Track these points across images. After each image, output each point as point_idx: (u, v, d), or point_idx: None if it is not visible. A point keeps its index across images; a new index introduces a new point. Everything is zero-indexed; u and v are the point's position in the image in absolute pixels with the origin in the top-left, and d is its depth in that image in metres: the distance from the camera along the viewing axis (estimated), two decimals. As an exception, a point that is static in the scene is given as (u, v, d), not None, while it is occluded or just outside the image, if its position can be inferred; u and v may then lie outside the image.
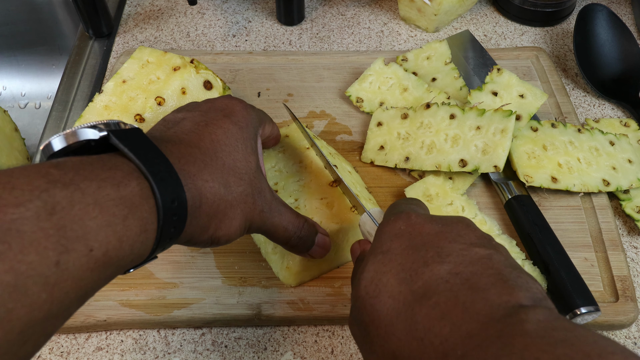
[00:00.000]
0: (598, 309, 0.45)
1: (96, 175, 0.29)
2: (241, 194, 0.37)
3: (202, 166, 0.35)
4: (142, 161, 0.30)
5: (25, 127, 0.80)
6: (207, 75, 0.57)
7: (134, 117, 0.53)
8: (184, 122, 0.38)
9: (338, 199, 0.49)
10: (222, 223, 0.36)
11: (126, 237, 0.29)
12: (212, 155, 0.36)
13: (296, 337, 0.48)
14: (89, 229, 0.27)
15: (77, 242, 0.26)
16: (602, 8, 0.69)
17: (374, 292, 0.31)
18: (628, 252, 0.53)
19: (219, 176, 0.36)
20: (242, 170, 0.38)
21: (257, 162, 0.40)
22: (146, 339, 0.48)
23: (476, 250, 0.31)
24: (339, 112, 0.63)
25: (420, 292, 0.30)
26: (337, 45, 0.73)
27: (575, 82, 0.69)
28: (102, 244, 0.27)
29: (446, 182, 0.54)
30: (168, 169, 0.32)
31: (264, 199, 0.39)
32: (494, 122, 0.53)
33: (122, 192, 0.29)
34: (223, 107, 0.40)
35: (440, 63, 0.65)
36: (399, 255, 0.32)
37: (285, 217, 0.41)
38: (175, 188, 0.32)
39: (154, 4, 0.79)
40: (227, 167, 0.37)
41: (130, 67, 0.56)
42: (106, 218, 0.28)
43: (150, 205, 0.30)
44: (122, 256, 0.29)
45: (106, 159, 0.30)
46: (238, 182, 0.37)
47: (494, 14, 0.77)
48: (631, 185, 0.55)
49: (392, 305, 0.30)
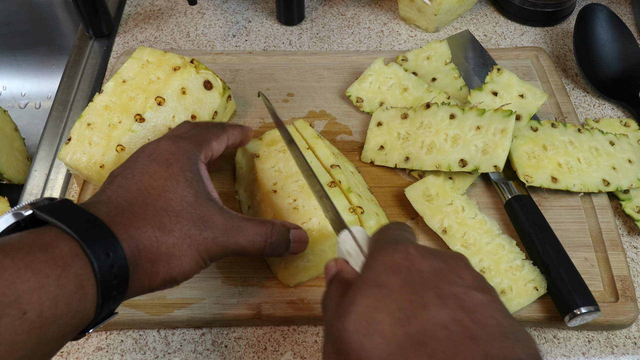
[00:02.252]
0: (598, 309, 0.45)
1: (24, 243, 0.30)
2: (181, 230, 0.37)
3: (131, 215, 0.35)
4: (66, 224, 0.31)
5: (25, 127, 0.80)
6: (207, 75, 0.57)
7: (134, 117, 0.53)
8: (116, 179, 0.39)
9: (336, 198, 0.48)
10: (170, 264, 0.36)
11: (61, 295, 0.29)
12: (140, 204, 0.36)
13: (296, 337, 0.48)
14: (22, 293, 0.27)
15: (9, 307, 0.27)
16: (602, 8, 0.69)
17: (364, 329, 0.29)
18: (628, 252, 0.53)
19: (151, 220, 0.36)
20: (177, 207, 0.38)
21: (196, 193, 0.39)
22: (146, 339, 0.48)
23: (476, 295, 0.30)
24: (339, 112, 0.63)
25: (417, 337, 0.28)
26: (337, 45, 0.73)
27: (575, 82, 0.69)
28: (36, 306, 0.28)
29: (446, 182, 0.54)
30: (95, 224, 0.33)
31: (212, 226, 0.39)
32: (494, 122, 0.53)
33: (52, 253, 0.30)
34: (150, 152, 0.41)
35: (440, 63, 0.65)
36: (395, 292, 0.30)
37: (249, 232, 0.41)
38: (107, 240, 0.32)
39: (154, 4, 0.79)
40: (159, 209, 0.37)
41: (130, 67, 0.56)
42: (39, 280, 0.28)
43: (84, 261, 0.31)
44: (60, 315, 0.29)
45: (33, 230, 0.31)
46: (174, 220, 0.37)
47: (494, 14, 0.77)
48: (631, 185, 0.55)
49: (384, 347, 0.28)
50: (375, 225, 0.49)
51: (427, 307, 0.29)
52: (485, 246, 0.49)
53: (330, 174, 0.51)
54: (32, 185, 0.59)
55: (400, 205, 0.55)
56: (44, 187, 0.59)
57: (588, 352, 0.47)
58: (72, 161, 0.53)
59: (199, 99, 0.56)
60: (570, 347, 0.47)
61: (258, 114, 0.63)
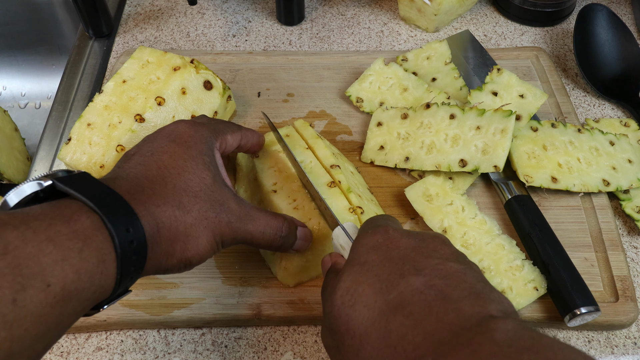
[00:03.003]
0: (598, 309, 0.45)
1: (45, 215, 0.29)
2: (199, 211, 0.37)
3: (152, 193, 0.35)
4: (88, 197, 0.31)
5: (25, 127, 0.80)
6: (207, 75, 0.57)
7: (134, 117, 0.53)
8: (133, 157, 0.39)
9: (337, 199, 0.49)
10: (187, 244, 0.36)
11: (84, 269, 0.29)
12: (160, 182, 0.37)
13: (296, 337, 0.48)
14: (45, 265, 0.28)
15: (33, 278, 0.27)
16: (602, 8, 0.69)
17: (349, 301, 0.32)
18: (628, 252, 0.53)
19: (171, 199, 0.36)
20: (196, 187, 0.38)
21: (213, 176, 0.40)
22: (146, 339, 0.48)
23: (451, 265, 0.32)
24: (339, 112, 0.63)
25: (395, 302, 0.31)
26: (337, 45, 0.73)
27: (575, 82, 0.69)
28: (59, 279, 0.28)
29: (446, 182, 0.54)
30: (116, 200, 0.33)
31: (227, 210, 0.39)
32: (493, 122, 0.53)
33: (73, 226, 0.30)
34: (168, 133, 0.41)
35: (440, 63, 0.65)
36: (375, 266, 0.33)
37: (260, 222, 0.41)
38: (127, 216, 0.32)
39: (154, 4, 0.79)
40: (179, 188, 0.37)
41: (130, 67, 0.56)
42: (61, 252, 0.28)
43: (105, 235, 0.31)
44: (82, 289, 0.29)
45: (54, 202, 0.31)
46: (193, 201, 0.37)
47: (494, 14, 0.77)
48: (631, 185, 0.55)
49: (367, 314, 0.31)
50: None
51: (404, 277, 0.32)
52: (485, 246, 0.49)
53: (330, 174, 0.51)
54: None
55: (400, 205, 0.55)
56: (44, 187, 0.59)
57: (588, 352, 0.47)
58: (72, 161, 0.53)
59: (199, 99, 0.56)
60: (570, 347, 0.47)
61: (258, 114, 0.63)
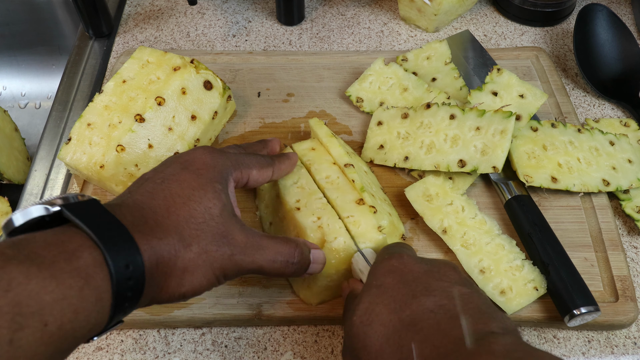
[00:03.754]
0: (598, 309, 0.45)
1: (50, 251, 0.29)
2: (199, 244, 0.36)
3: (154, 225, 0.35)
4: (92, 229, 0.31)
5: (25, 127, 0.80)
6: (207, 75, 0.57)
7: (134, 117, 0.53)
8: (145, 184, 0.38)
9: (365, 217, 0.47)
10: (183, 280, 0.35)
11: (82, 308, 0.29)
12: (164, 212, 0.36)
13: (296, 337, 0.48)
14: (45, 304, 0.27)
15: (31, 318, 0.27)
16: (602, 8, 0.69)
17: (367, 320, 0.35)
18: (628, 252, 0.53)
19: (173, 232, 0.35)
20: (199, 218, 0.37)
21: (222, 206, 0.38)
22: (146, 339, 0.48)
23: (459, 288, 0.36)
24: (339, 112, 0.63)
25: (408, 320, 0.34)
26: (337, 45, 0.73)
27: (575, 82, 0.69)
28: (57, 318, 0.28)
29: (446, 182, 0.54)
30: (122, 234, 0.32)
31: (231, 243, 0.37)
32: (493, 123, 0.53)
33: (76, 263, 0.29)
34: (184, 160, 0.40)
35: (440, 63, 0.65)
36: (390, 289, 0.36)
37: (270, 251, 0.39)
38: (129, 251, 0.32)
39: (154, 4, 0.79)
40: (181, 220, 0.36)
41: (130, 67, 0.56)
42: (62, 291, 0.28)
43: (104, 274, 0.30)
44: (78, 327, 0.29)
45: (59, 232, 0.31)
46: (195, 234, 0.36)
47: (494, 14, 0.77)
48: (631, 185, 0.55)
49: (383, 332, 0.34)
50: (388, 225, 0.48)
51: (417, 297, 0.35)
52: (485, 246, 0.49)
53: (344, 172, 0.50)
54: (32, 185, 0.59)
55: (400, 205, 0.55)
56: (44, 187, 0.59)
57: (588, 352, 0.47)
58: (72, 161, 0.53)
59: (199, 99, 0.56)
60: (570, 347, 0.47)
61: (258, 114, 0.63)
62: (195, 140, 0.56)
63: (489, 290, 0.47)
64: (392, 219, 0.50)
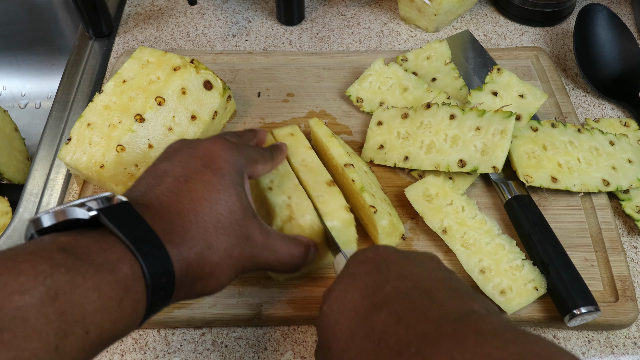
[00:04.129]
0: (598, 309, 0.45)
1: (93, 260, 0.30)
2: (225, 249, 0.37)
3: (184, 233, 0.35)
4: (132, 242, 0.31)
5: (25, 127, 0.80)
6: (207, 75, 0.57)
7: (134, 117, 0.53)
8: (165, 178, 0.38)
9: (334, 197, 0.49)
10: (209, 282, 0.36)
11: (120, 318, 0.30)
12: (192, 218, 0.36)
13: (296, 337, 0.48)
14: (87, 313, 0.28)
15: (75, 326, 0.28)
16: (602, 8, 0.69)
17: (338, 308, 0.34)
18: (628, 252, 0.53)
19: (201, 239, 0.35)
20: (226, 223, 0.37)
21: (244, 208, 0.39)
22: (146, 339, 0.48)
23: (436, 274, 0.34)
24: (339, 112, 0.63)
25: (380, 302, 0.32)
26: (337, 45, 0.73)
27: (575, 82, 0.69)
28: (98, 327, 0.29)
29: (446, 182, 0.54)
30: (156, 245, 0.33)
31: (252, 243, 0.39)
32: (493, 123, 0.53)
33: (117, 275, 0.30)
34: (203, 155, 0.39)
35: (440, 63, 0.65)
36: (363, 276, 0.35)
37: (282, 253, 0.41)
38: (164, 263, 0.33)
39: (154, 4, 0.79)
40: (210, 225, 0.36)
41: (131, 67, 0.56)
42: (103, 302, 0.29)
43: (142, 286, 0.31)
44: (115, 335, 0.30)
45: (101, 240, 0.31)
46: (222, 239, 0.37)
47: (494, 14, 0.77)
48: (631, 185, 0.55)
49: (354, 317, 0.32)
50: (388, 225, 0.48)
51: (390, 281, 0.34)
52: (485, 246, 0.49)
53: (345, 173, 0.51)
54: (32, 185, 0.59)
55: (400, 205, 0.55)
56: (44, 187, 0.59)
57: (588, 352, 0.47)
58: (72, 161, 0.53)
59: (199, 99, 0.56)
60: (570, 347, 0.47)
61: (258, 114, 0.63)
62: (195, 140, 0.56)
63: (489, 290, 0.47)
64: (392, 219, 0.50)
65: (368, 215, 0.49)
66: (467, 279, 0.49)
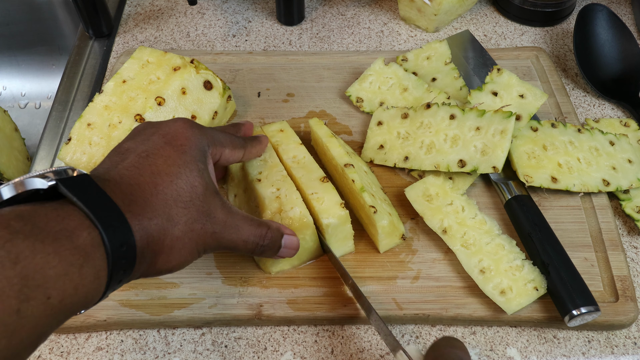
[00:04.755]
0: (598, 309, 0.45)
1: (52, 227, 0.30)
2: (186, 222, 0.37)
3: (144, 204, 0.35)
4: (90, 210, 0.32)
5: (25, 127, 0.80)
6: (207, 75, 0.57)
7: (134, 117, 0.53)
8: (128, 155, 0.38)
9: (328, 193, 0.49)
10: (170, 256, 0.37)
11: (81, 285, 0.30)
12: (152, 190, 0.36)
13: (296, 337, 0.48)
14: (49, 278, 0.28)
15: (37, 290, 0.28)
16: (602, 8, 0.69)
17: None
18: (628, 252, 0.53)
19: (162, 211, 0.36)
20: (186, 197, 0.38)
21: (205, 184, 0.39)
22: (146, 339, 0.48)
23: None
24: (339, 112, 0.63)
25: None
26: (337, 45, 0.73)
27: (575, 82, 0.69)
28: (59, 292, 0.29)
29: (446, 182, 0.54)
30: (116, 214, 0.33)
31: (214, 220, 0.39)
32: (493, 123, 0.53)
33: (76, 241, 0.30)
34: (165, 133, 0.40)
35: (440, 63, 0.65)
36: None
37: (244, 232, 0.41)
38: (124, 233, 0.33)
39: (154, 4, 0.79)
40: (170, 198, 0.37)
41: (130, 67, 0.56)
42: (64, 267, 0.29)
43: (101, 253, 0.32)
44: (77, 302, 0.30)
45: (59, 209, 0.32)
46: (182, 212, 0.37)
47: (494, 14, 0.77)
48: (631, 185, 0.55)
49: None
50: (388, 225, 0.49)
51: None
52: (485, 246, 0.49)
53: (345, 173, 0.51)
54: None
55: (400, 205, 0.55)
56: (44, 187, 0.59)
57: (588, 352, 0.47)
58: (72, 161, 0.53)
59: (199, 99, 0.56)
60: (570, 347, 0.47)
61: (258, 114, 0.63)
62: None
63: (489, 290, 0.47)
64: (392, 219, 0.50)
65: (368, 215, 0.49)
66: (467, 279, 0.49)
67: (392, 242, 0.51)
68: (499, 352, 0.47)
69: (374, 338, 0.48)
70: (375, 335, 0.48)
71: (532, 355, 0.47)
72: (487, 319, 0.48)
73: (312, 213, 0.49)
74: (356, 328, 0.48)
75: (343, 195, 0.54)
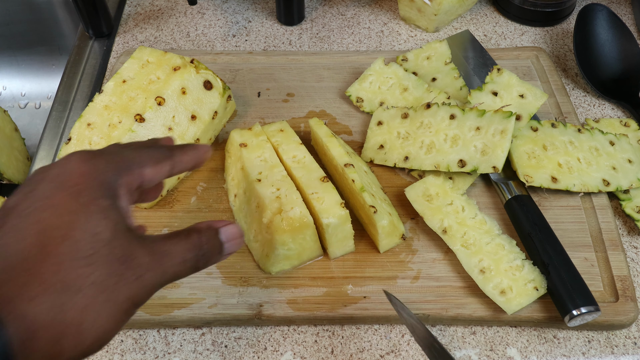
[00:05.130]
0: (598, 309, 0.45)
1: None
2: (94, 283, 0.29)
3: (25, 281, 0.28)
4: None
5: (25, 127, 0.80)
6: (207, 75, 0.57)
7: (134, 117, 0.53)
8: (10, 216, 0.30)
9: (328, 193, 0.49)
10: (80, 336, 0.29)
11: None
12: (38, 256, 0.28)
13: (296, 337, 0.48)
14: None
15: None
16: (602, 8, 0.69)
17: None
18: (628, 252, 0.53)
19: (53, 281, 0.28)
20: (87, 250, 0.29)
21: (113, 226, 0.31)
22: (146, 339, 0.48)
23: None
24: (339, 112, 0.63)
25: None
26: (337, 45, 0.73)
27: (575, 82, 0.69)
28: None
29: (446, 182, 0.54)
30: None
31: (134, 263, 0.31)
32: (493, 123, 0.53)
33: None
34: (54, 176, 0.32)
35: (440, 63, 0.65)
36: None
37: (176, 253, 0.34)
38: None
39: (154, 4, 0.79)
40: (65, 258, 0.29)
41: (130, 67, 0.56)
42: None
43: None
44: None
45: None
46: (85, 272, 0.29)
47: (494, 14, 0.77)
48: (631, 185, 0.55)
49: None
50: (388, 225, 0.49)
51: None
52: (485, 246, 0.49)
53: (345, 173, 0.51)
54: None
55: (400, 205, 0.55)
56: (44, 187, 0.59)
57: (588, 352, 0.47)
58: (72, 161, 0.53)
59: (199, 99, 0.56)
60: (570, 347, 0.47)
61: (258, 114, 0.63)
62: (195, 140, 0.56)
63: (489, 290, 0.47)
64: (392, 219, 0.50)
65: (368, 215, 0.49)
66: (467, 279, 0.49)
67: (392, 242, 0.51)
68: (499, 352, 0.47)
69: (374, 338, 0.48)
70: (375, 335, 0.48)
71: (532, 355, 0.47)
72: (487, 319, 0.48)
73: (312, 213, 0.49)
74: (356, 328, 0.48)
75: (343, 195, 0.54)
